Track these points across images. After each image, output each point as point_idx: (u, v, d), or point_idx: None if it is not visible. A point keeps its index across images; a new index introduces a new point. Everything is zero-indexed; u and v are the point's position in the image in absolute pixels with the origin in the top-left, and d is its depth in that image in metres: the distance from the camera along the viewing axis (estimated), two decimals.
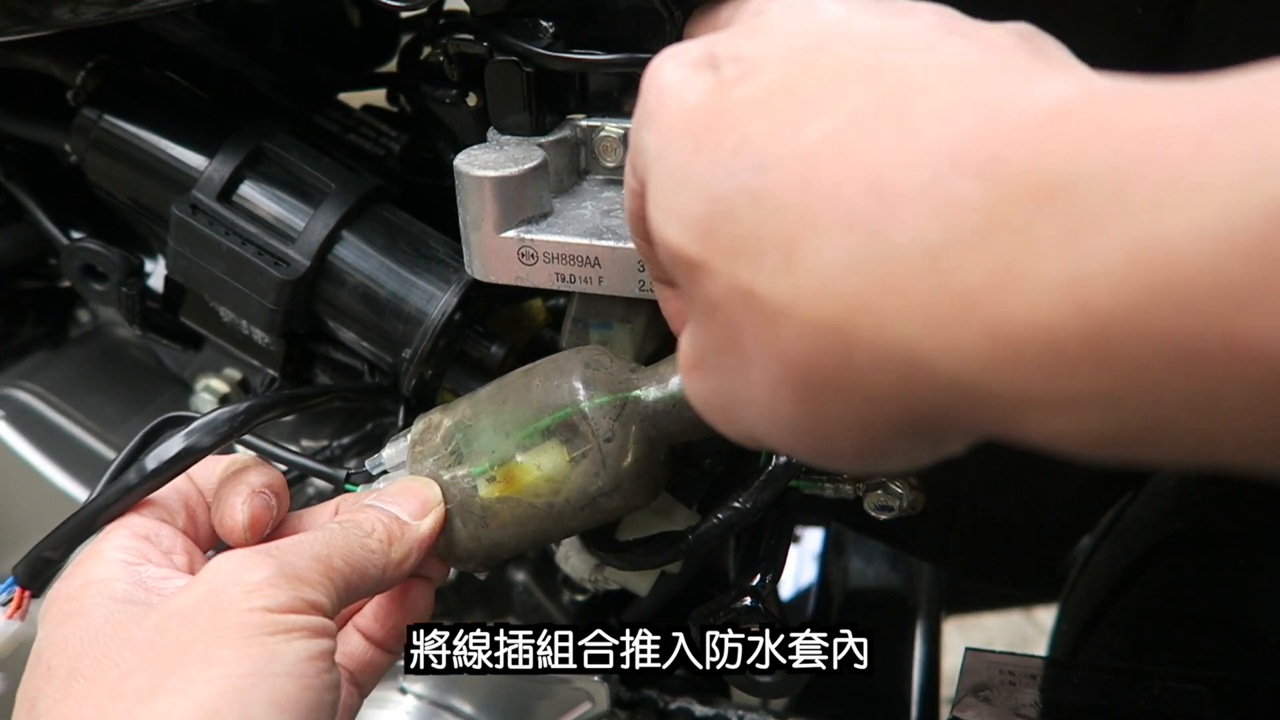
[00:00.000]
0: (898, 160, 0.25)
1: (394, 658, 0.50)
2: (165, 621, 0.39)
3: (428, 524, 0.46)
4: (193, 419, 0.47)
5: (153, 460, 0.46)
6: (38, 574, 0.46)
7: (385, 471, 0.51)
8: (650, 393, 0.46)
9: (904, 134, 0.25)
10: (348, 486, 0.52)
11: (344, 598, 0.41)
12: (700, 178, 0.30)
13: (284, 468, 0.53)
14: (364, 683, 0.49)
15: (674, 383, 0.45)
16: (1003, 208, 0.23)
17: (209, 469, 0.48)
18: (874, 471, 0.32)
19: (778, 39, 0.31)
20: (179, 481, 0.47)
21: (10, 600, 0.46)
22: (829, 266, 0.26)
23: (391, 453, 0.51)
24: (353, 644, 0.49)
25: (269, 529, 0.47)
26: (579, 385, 0.46)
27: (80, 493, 0.74)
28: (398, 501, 0.46)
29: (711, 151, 0.30)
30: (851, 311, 0.25)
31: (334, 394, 0.60)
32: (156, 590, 0.42)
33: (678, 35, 0.50)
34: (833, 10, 0.31)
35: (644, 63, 0.51)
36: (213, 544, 0.49)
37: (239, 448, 0.52)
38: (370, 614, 0.50)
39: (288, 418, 0.79)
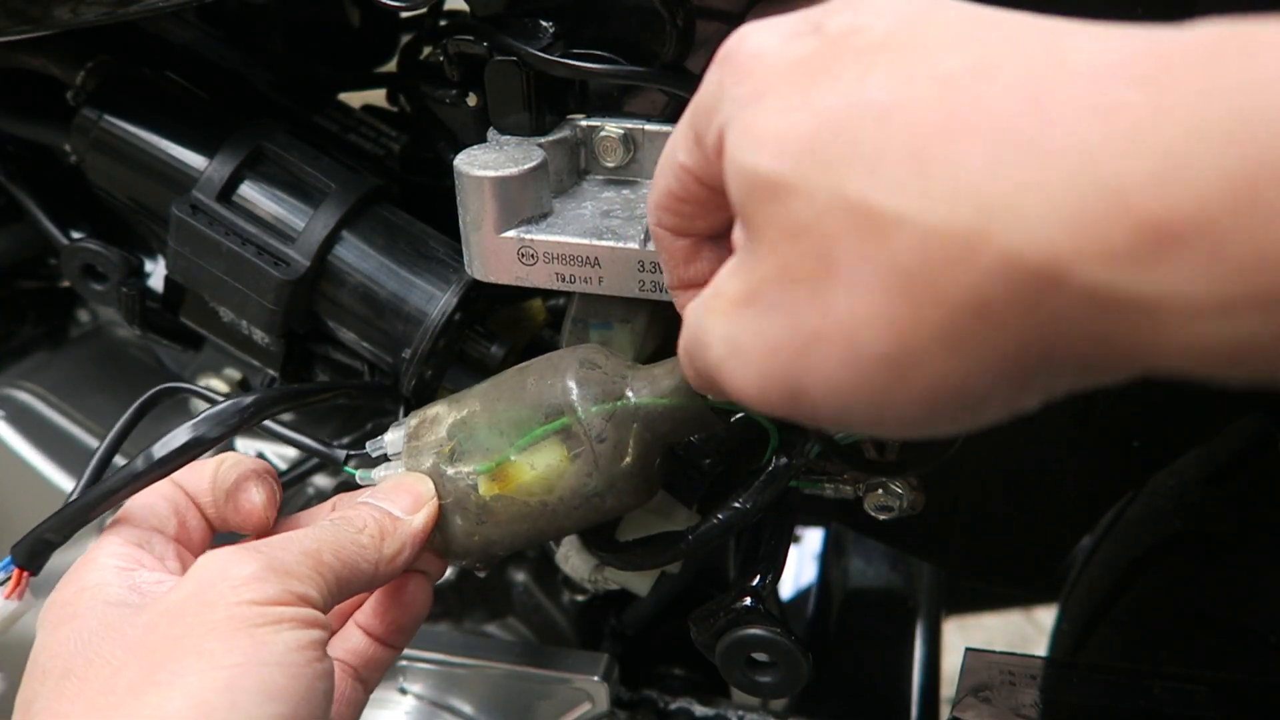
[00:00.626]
0: (1054, 76, 0.25)
1: (396, 653, 0.50)
2: (155, 619, 0.39)
3: (420, 519, 0.46)
4: (191, 390, 0.47)
5: (160, 449, 0.46)
6: (37, 554, 0.46)
7: (385, 455, 0.51)
8: (643, 395, 0.46)
9: (1058, 56, 0.25)
10: (346, 469, 0.52)
11: (335, 591, 0.42)
12: (811, 101, 0.29)
13: (284, 467, 0.53)
14: (368, 678, 0.49)
15: (667, 385, 0.46)
16: (1166, 108, 0.22)
17: (199, 473, 0.49)
18: (920, 434, 0.30)
19: (883, 7, 0.30)
20: (165, 489, 0.47)
21: (8, 580, 0.46)
22: (968, 171, 0.25)
23: (394, 437, 0.51)
24: (354, 640, 0.49)
25: (276, 514, 0.47)
26: (573, 385, 0.46)
27: None
28: (390, 497, 0.47)
29: (830, 80, 0.29)
30: (987, 214, 0.24)
31: (339, 390, 0.61)
32: (150, 594, 0.42)
33: (678, 35, 0.50)
34: None
35: (645, 76, 0.52)
36: (205, 549, 0.49)
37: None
38: (370, 610, 0.50)
39: (289, 414, 0.80)
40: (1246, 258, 0.21)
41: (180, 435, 0.46)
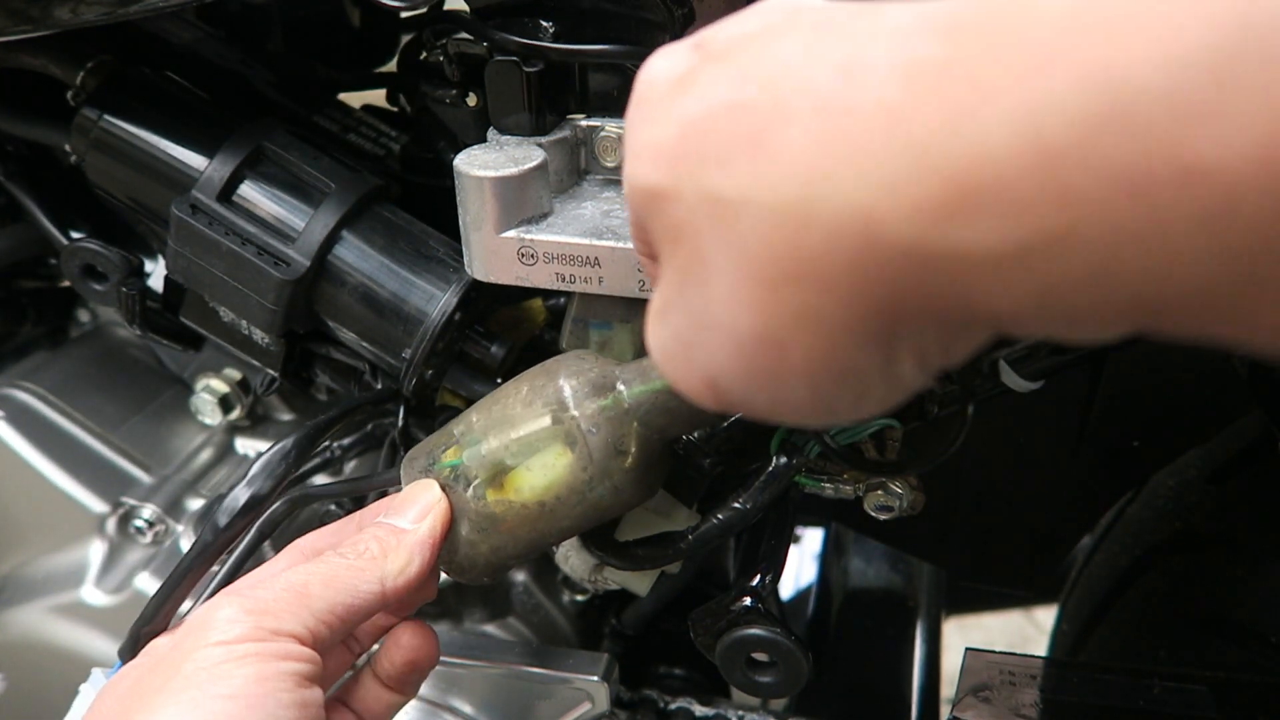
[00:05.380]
0: (865, 39, 0.25)
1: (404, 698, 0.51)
2: (141, 673, 0.41)
3: (426, 525, 0.47)
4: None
5: (224, 515, 0.49)
6: (138, 650, 0.48)
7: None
8: (634, 387, 0.46)
9: (871, 23, 0.26)
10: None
11: (331, 620, 0.42)
12: (675, 111, 0.30)
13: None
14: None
15: (656, 373, 0.46)
16: (958, 59, 0.23)
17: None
18: (826, 420, 0.31)
19: (755, 13, 0.32)
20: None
21: None
22: (792, 148, 0.26)
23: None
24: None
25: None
26: (564, 384, 0.46)
27: (80, 493, 0.74)
28: (399, 510, 0.47)
29: (692, 89, 0.30)
30: (810, 187, 0.25)
31: (354, 410, 0.61)
32: None
33: (678, 34, 0.50)
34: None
35: (642, 55, 0.52)
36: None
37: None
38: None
39: (288, 419, 0.80)
40: (1037, 203, 0.22)
41: (240, 496, 0.49)
